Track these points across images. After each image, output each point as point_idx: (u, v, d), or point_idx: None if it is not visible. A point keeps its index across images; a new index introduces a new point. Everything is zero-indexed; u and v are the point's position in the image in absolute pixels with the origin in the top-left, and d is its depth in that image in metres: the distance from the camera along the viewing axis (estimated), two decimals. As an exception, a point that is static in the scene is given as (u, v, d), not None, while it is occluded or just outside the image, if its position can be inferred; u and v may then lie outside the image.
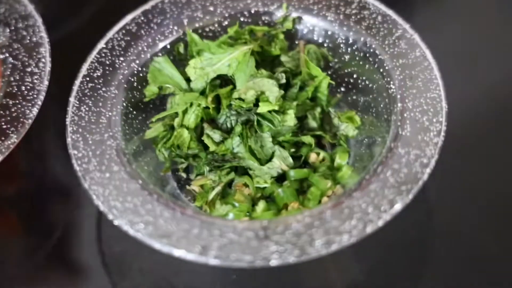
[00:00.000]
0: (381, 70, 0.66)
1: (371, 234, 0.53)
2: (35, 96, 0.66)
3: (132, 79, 0.67)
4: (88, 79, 0.66)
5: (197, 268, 0.60)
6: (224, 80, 0.68)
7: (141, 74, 0.68)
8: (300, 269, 0.64)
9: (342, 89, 0.72)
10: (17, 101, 0.66)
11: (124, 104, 0.66)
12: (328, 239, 0.53)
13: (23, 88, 0.67)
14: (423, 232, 0.68)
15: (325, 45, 0.71)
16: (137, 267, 0.66)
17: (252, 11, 0.73)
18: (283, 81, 0.67)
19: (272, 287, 0.64)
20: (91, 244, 0.68)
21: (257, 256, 0.52)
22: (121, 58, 0.68)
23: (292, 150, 0.67)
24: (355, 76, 0.70)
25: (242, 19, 0.73)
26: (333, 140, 0.68)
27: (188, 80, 0.67)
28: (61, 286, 0.67)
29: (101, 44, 0.68)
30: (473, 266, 0.65)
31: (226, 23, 0.72)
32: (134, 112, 0.67)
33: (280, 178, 0.66)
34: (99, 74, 0.66)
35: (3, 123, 0.64)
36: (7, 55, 0.70)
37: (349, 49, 0.70)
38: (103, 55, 0.68)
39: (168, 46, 0.71)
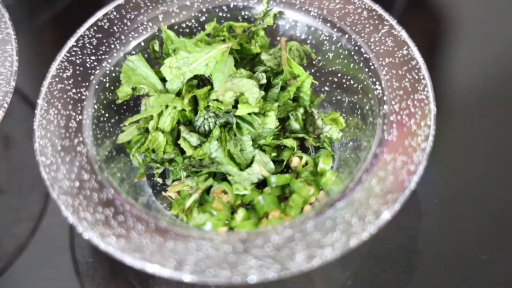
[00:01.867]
0: (367, 69, 0.62)
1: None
2: (0, 98, 0.62)
3: (104, 80, 0.64)
4: (57, 79, 0.62)
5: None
6: (202, 80, 0.64)
7: (113, 74, 0.64)
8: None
9: (326, 88, 0.69)
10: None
11: (96, 106, 0.62)
12: (309, 253, 0.50)
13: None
14: (410, 236, 0.65)
15: (308, 41, 0.68)
16: (111, 276, 0.63)
17: (231, 6, 0.69)
18: (264, 81, 0.64)
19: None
20: (64, 251, 0.65)
21: (235, 271, 0.49)
22: (93, 57, 0.64)
23: (274, 154, 0.64)
24: (339, 75, 0.67)
25: (220, 14, 0.69)
26: (316, 143, 0.65)
27: (163, 80, 0.64)
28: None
29: (71, 42, 0.64)
30: (460, 273, 0.62)
31: (203, 18, 0.69)
32: (106, 115, 0.63)
33: (261, 184, 0.63)
34: (69, 74, 0.62)
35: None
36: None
37: (333, 46, 0.66)
38: (73, 53, 0.64)
39: (142, 44, 0.67)
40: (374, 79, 0.61)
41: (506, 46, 0.82)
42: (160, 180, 0.65)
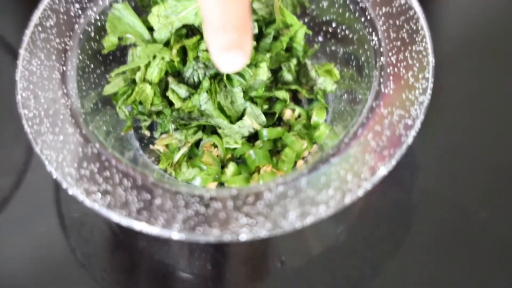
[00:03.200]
0: (363, 19, 0.60)
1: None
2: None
3: (89, 29, 0.61)
4: (40, 28, 0.59)
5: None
6: (191, 29, 0.62)
7: (99, 23, 0.62)
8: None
9: (320, 38, 0.66)
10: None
11: (80, 57, 0.59)
12: (303, 211, 0.48)
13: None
14: (406, 191, 0.64)
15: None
16: (99, 231, 0.62)
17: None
18: (256, 30, 0.61)
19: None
20: (49, 206, 0.63)
21: (226, 230, 0.48)
22: (77, 5, 0.61)
23: (265, 106, 0.62)
24: (334, 24, 0.64)
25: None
26: (309, 95, 0.63)
27: (150, 29, 0.61)
28: (16, 252, 0.62)
29: (54, -10, 0.61)
30: (458, 230, 0.61)
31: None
32: (91, 66, 0.61)
33: (252, 138, 0.61)
34: (52, 23, 0.60)
35: None
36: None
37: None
38: (57, 1, 0.61)
39: (129, -10, 0.64)
40: (370, 29, 0.59)
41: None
42: (147, 133, 0.63)
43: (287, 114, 0.62)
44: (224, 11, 0.48)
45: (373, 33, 0.58)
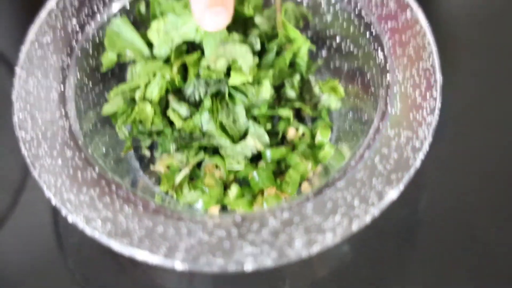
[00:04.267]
0: (368, 34, 0.58)
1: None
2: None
3: (87, 45, 0.59)
4: (36, 45, 0.58)
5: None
6: (191, 44, 0.60)
7: (97, 39, 0.60)
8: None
9: (324, 53, 0.65)
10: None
11: (78, 75, 0.58)
12: (309, 239, 0.47)
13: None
14: (412, 208, 0.62)
15: (304, 3, 0.64)
16: (98, 252, 0.60)
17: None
18: (258, 46, 0.59)
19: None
20: (47, 226, 0.62)
21: (230, 259, 0.46)
22: (74, 21, 0.59)
23: (269, 125, 0.60)
24: (338, 39, 0.63)
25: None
26: (313, 113, 0.62)
27: (150, 44, 0.60)
28: (13, 273, 0.61)
29: (51, 4, 0.60)
30: (467, 250, 0.60)
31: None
32: (90, 84, 0.59)
33: (255, 157, 0.59)
34: (49, 40, 0.58)
35: None
36: None
37: (331, 8, 0.62)
38: (54, 17, 0.59)
39: (128, 5, 0.62)
40: (375, 45, 0.57)
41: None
42: (148, 153, 0.62)
43: (291, 134, 0.61)
44: None
45: (379, 49, 0.57)
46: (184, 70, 0.59)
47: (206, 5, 0.50)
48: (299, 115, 0.63)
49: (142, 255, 0.47)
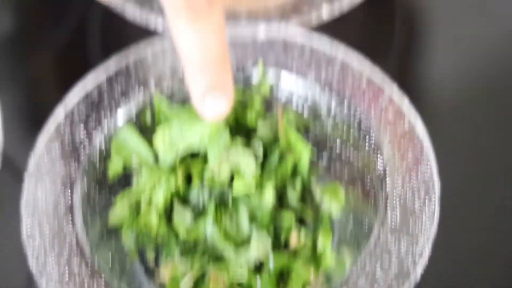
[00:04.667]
0: (367, 139, 0.60)
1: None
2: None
3: (95, 155, 0.61)
4: (45, 153, 0.59)
5: None
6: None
7: (104, 149, 0.62)
8: None
9: (324, 159, 0.66)
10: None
11: (86, 185, 0.59)
12: None
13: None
14: None
15: (305, 114, 0.66)
16: None
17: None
18: (260, 152, 0.61)
19: None
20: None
21: None
22: (82, 131, 0.61)
23: (271, 231, 0.61)
24: (338, 146, 0.64)
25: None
26: (315, 220, 0.63)
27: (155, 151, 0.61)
28: None
29: (60, 116, 0.61)
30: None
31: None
32: (97, 194, 0.61)
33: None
34: (57, 150, 0.60)
35: None
36: None
37: (330, 117, 0.64)
38: (63, 126, 0.61)
39: (134, 113, 0.64)
40: (375, 151, 0.59)
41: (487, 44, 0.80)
42: (152, 258, 0.62)
43: (293, 241, 0.61)
44: (202, 43, 0.47)
45: (379, 155, 0.59)
46: (188, 175, 0.61)
47: (204, 90, 0.48)
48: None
49: None
